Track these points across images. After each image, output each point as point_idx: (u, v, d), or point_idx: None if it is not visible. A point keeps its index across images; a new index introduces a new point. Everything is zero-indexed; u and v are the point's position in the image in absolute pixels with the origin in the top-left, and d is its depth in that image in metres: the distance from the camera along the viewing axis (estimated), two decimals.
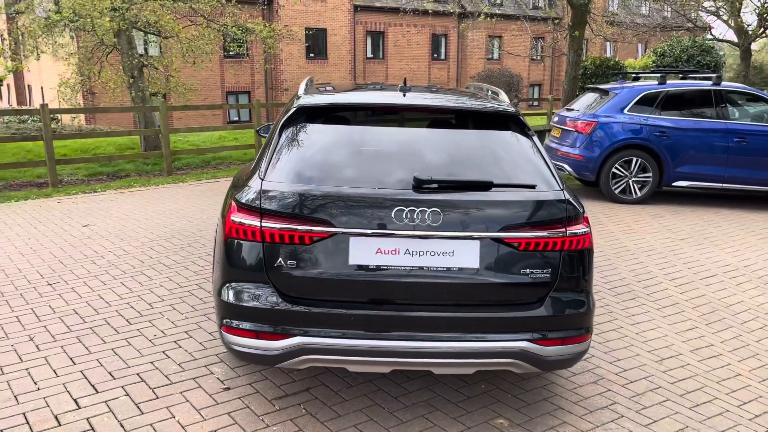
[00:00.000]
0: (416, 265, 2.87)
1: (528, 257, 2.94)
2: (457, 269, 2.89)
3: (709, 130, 8.46)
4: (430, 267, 2.87)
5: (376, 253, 2.86)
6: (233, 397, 3.34)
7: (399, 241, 2.86)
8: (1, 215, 7.61)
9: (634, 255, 6.23)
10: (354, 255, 2.85)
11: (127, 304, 4.66)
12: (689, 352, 4.11)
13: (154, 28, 13.74)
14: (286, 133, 3.16)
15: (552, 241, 2.94)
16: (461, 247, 2.89)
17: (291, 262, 2.87)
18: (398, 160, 3.07)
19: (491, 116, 3.38)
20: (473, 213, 2.91)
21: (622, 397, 3.49)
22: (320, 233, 2.84)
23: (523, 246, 2.92)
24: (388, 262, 2.86)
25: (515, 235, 2.91)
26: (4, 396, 3.32)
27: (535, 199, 2.97)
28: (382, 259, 2.86)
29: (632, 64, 20.24)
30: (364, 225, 2.85)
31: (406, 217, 2.84)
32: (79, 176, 11.00)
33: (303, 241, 2.84)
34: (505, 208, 2.93)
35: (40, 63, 24.99)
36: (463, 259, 2.89)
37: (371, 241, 2.85)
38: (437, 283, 2.89)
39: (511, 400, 3.41)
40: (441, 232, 2.86)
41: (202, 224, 7.12)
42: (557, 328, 2.96)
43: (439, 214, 2.85)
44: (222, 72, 26.81)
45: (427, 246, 2.87)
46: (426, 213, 2.84)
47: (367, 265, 2.85)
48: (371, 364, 2.91)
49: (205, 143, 14.97)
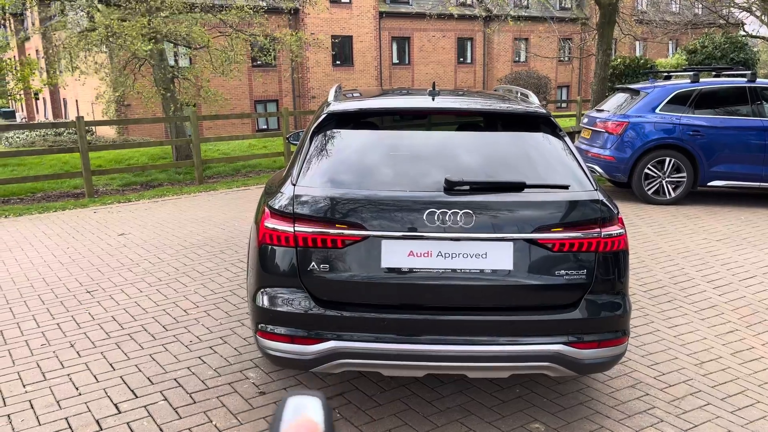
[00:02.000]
0: (448, 267, 2.86)
1: (562, 259, 2.90)
2: (491, 271, 2.87)
3: (744, 128, 8.27)
4: (462, 269, 2.86)
5: (408, 255, 2.85)
6: (268, 402, 3.38)
7: (431, 244, 2.85)
8: (40, 225, 7.82)
9: (669, 257, 6.12)
10: (386, 258, 2.86)
11: (163, 310, 4.74)
12: (729, 355, 4.01)
13: (185, 40, 14.00)
14: (316, 139, 3.19)
15: (587, 242, 2.90)
16: (494, 249, 2.87)
17: (324, 266, 2.89)
18: (429, 163, 3.07)
19: (522, 118, 3.37)
20: (506, 214, 2.89)
21: (661, 401, 3.43)
22: (353, 236, 2.86)
23: (557, 247, 2.89)
24: (420, 265, 2.86)
25: (549, 236, 2.88)
26: (47, 401, 3.41)
27: (568, 199, 2.94)
28: (414, 262, 2.86)
29: (663, 63, 19.91)
30: (396, 228, 2.85)
31: (437, 219, 2.84)
32: (114, 186, 11.25)
33: (336, 245, 2.86)
34: (538, 209, 2.91)
35: (75, 77, 25.64)
36: (496, 261, 2.87)
37: (403, 243, 2.86)
38: (470, 286, 2.88)
39: (547, 404, 3.37)
40: (473, 233, 2.84)
41: (234, 231, 7.22)
42: (593, 331, 2.92)
43: (471, 216, 2.84)
44: (250, 81, 27.15)
45: (460, 248, 2.86)
46: (458, 215, 2.84)
47: (399, 268, 2.86)
48: (405, 368, 2.92)
49: (234, 152, 15.18)
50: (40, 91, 26.23)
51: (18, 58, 24.77)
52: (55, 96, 35.09)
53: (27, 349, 4.08)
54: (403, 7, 30.70)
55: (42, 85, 18.19)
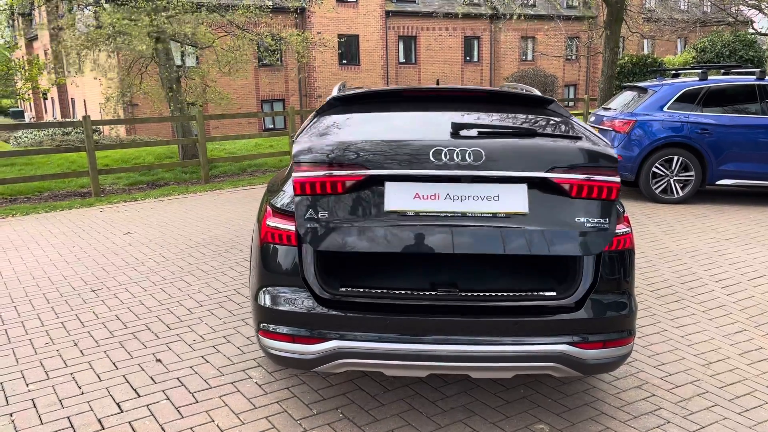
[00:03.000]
0: (458, 210, 2.70)
1: (581, 204, 2.77)
2: (504, 215, 2.71)
3: (754, 126, 8.19)
4: (473, 213, 2.70)
5: (414, 198, 2.72)
6: (271, 402, 3.36)
7: (438, 186, 2.72)
8: (47, 224, 7.84)
9: (677, 256, 6.06)
10: (390, 201, 2.72)
11: (167, 309, 4.73)
12: (737, 356, 3.96)
13: (190, 39, 14.02)
14: (317, 118, 3.22)
15: (606, 187, 2.78)
16: (506, 191, 2.72)
17: (323, 213, 2.75)
18: (436, 124, 2.99)
19: (527, 99, 3.34)
20: (518, 155, 2.77)
21: (667, 402, 3.39)
22: (354, 176, 2.73)
23: (575, 191, 2.76)
24: (427, 208, 2.70)
25: (565, 177, 2.75)
26: (49, 400, 3.40)
27: (583, 146, 2.87)
28: (420, 205, 2.71)
29: (671, 61, 19.78)
30: (400, 167, 2.71)
31: (444, 157, 2.71)
32: (121, 185, 11.28)
33: (336, 189, 2.77)
34: (552, 152, 2.81)
35: (83, 77, 25.75)
36: (510, 203, 2.71)
37: (408, 186, 2.72)
38: (483, 230, 2.69)
39: (551, 405, 3.34)
40: (484, 171, 2.69)
41: (240, 230, 7.21)
42: (598, 331, 2.88)
43: (481, 154, 2.72)
44: (257, 80, 27.19)
45: (469, 190, 2.72)
46: (467, 153, 2.72)
47: (404, 211, 2.71)
48: (408, 368, 2.88)
49: (241, 151, 15.19)
50: (48, 90, 26.38)
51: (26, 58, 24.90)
52: (63, 96, 35.26)
53: (31, 348, 4.09)
54: (409, 5, 30.65)
55: (50, 85, 18.31)
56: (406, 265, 3.67)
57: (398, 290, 2.99)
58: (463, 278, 3.39)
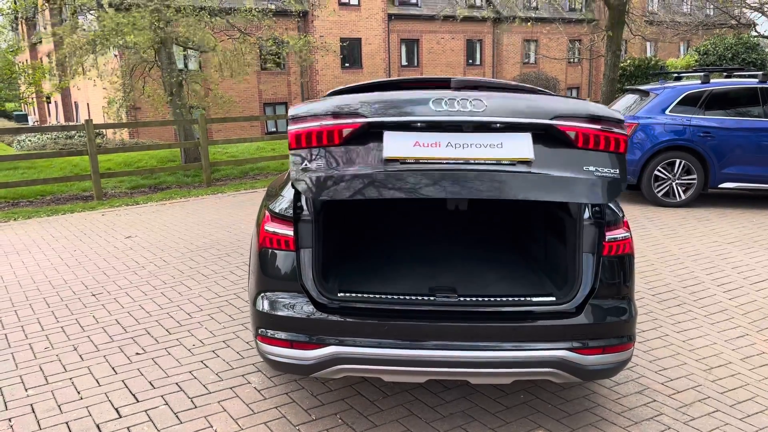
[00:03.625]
0: (460, 157, 2.60)
1: (588, 154, 2.70)
2: (509, 161, 2.61)
3: (756, 130, 8.16)
4: (476, 159, 2.60)
5: (414, 145, 2.63)
6: (270, 407, 3.35)
7: (438, 135, 2.63)
8: (48, 228, 7.85)
9: (679, 260, 6.04)
10: (389, 148, 2.63)
11: (166, 314, 4.73)
12: (739, 361, 3.94)
13: (192, 43, 14.05)
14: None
15: (614, 138, 2.72)
16: (511, 139, 2.63)
17: (319, 163, 2.66)
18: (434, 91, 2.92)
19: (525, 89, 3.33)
20: (521, 105, 2.73)
21: (668, 407, 3.36)
22: (351, 125, 2.66)
23: (581, 141, 2.69)
24: (428, 155, 2.60)
25: (571, 125, 2.68)
26: (48, 405, 3.39)
27: (587, 104, 2.84)
28: (420, 152, 2.61)
29: (673, 64, 19.75)
30: (398, 115, 2.64)
31: (445, 104, 2.65)
32: (123, 189, 11.29)
33: (332, 139, 2.70)
34: (556, 104, 2.78)
35: (86, 81, 25.85)
36: (515, 150, 2.62)
37: (407, 135, 2.64)
38: (487, 177, 2.57)
39: (551, 411, 3.32)
40: (486, 117, 2.62)
41: (240, 234, 7.21)
42: (598, 337, 2.87)
43: (483, 102, 2.67)
44: (259, 84, 27.23)
45: (472, 139, 2.62)
46: (467, 100, 2.67)
47: (404, 158, 2.61)
48: (406, 374, 2.87)
49: (243, 154, 15.21)
50: (52, 94, 26.46)
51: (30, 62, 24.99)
52: (66, 99, 35.36)
53: (30, 353, 4.08)
54: (412, 9, 30.68)
55: (53, 89, 18.37)
56: (405, 270, 3.66)
57: (396, 295, 2.98)
58: (461, 283, 3.38)
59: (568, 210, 3.20)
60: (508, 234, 4.50)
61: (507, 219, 4.51)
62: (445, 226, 4.59)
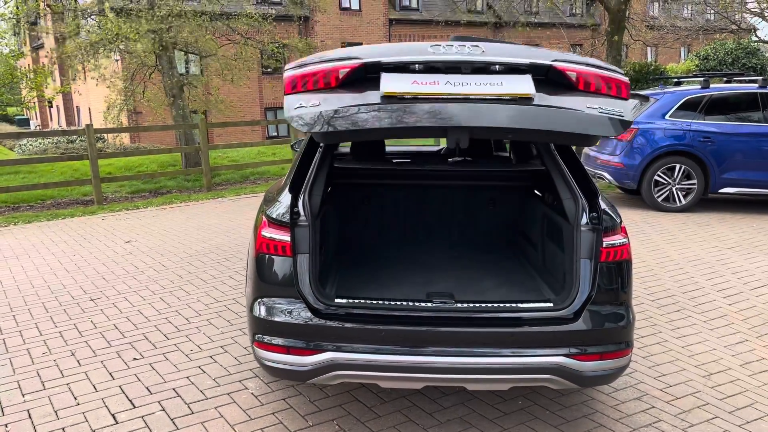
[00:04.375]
0: (461, 93, 2.54)
1: (590, 95, 2.67)
2: (509, 97, 2.55)
3: (756, 135, 8.15)
4: (477, 95, 2.54)
5: (412, 83, 2.58)
6: (267, 413, 3.34)
7: (438, 76, 2.59)
8: (48, 232, 7.85)
9: (679, 265, 6.02)
10: (386, 85, 2.57)
11: (165, 319, 4.72)
12: (739, 367, 3.92)
13: (193, 47, 14.08)
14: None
15: (615, 83, 2.70)
16: (511, 79, 2.59)
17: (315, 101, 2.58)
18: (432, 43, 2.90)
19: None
20: (521, 49, 2.72)
21: (667, 414, 3.35)
22: (348, 65, 2.66)
23: (582, 83, 2.67)
24: (426, 90, 2.55)
25: (572, 66, 2.68)
26: (45, 411, 3.39)
27: (586, 58, 2.84)
28: (418, 88, 2.55)
29: (674, 69, 19.76)
30: (397, 56, 2.60)
31: (443, 48, 2.63)
32: (123, 193, 11.29)
33: (329, 80, 2.67)
34: (556, 53, 2.78)
35: (87, 85, 25.90)
36: (515, 86, 2.57)
37: (405, 76, 2.59)
38: (487, 107, 2.50)
39: (549, 417, 3.31)
40: (486, 57, 2.60)
41: (240, 239, 7.20)
42: (595, 343, 2.85)
43: (481, 48, 2.66)
44: (260, 88, 27.27)
45: (471, 78, 2.58)
46: (466, 46, 2.66)
47: (402, 93, 2.55)
48: (403, 380, 2.86)
49: (244, 159, 15.21)
50: (53, 98, 26.51)
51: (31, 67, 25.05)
52: (68, 104, 35.43)
53: (28, 358, 4.08)
54: (412, 14, 30.73)
55: (54, 93, 18.40)
56: (402, 276, 3.66)
57: (394, 301, 2.97)
58: (459, 289, 3.38)
59: (566, 215, 3.19)
60: (506, 239, 4.49)
61: (506, 221, 4.51)
62: (444, 230, 4.59)
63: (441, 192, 4.51)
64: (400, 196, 4.53)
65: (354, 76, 2.66)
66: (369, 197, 4.53)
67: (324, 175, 3.35)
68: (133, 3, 13.58)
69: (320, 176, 3.28)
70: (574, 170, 3.31)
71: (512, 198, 4.45)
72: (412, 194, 4.53)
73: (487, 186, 4.47)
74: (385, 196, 4.53)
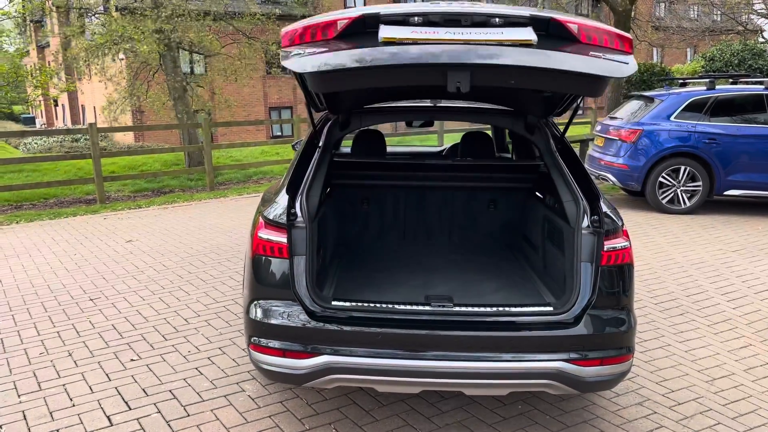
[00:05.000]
0: (461, 39, 2.50)
1: (593, 46, 2.63)
2: (510, 43, 2.50)
3: (762, 136, 8.08)
4: (478, 40, 2.49)
5: (412, 33, 2.54)
6: (263, 416, 3.30)
7: (437, 28, 2.57)
8: (50, 231, 7.84)
9: (682, 268, 5.96)
10: (384, 32, 2.54)
11: (164, 319, 4.69)
12: (742, 372, 3.87)
13: (197, 47, 14.08)
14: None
15: (618, 38, 2.66)
16: (512, 30, 2.56)
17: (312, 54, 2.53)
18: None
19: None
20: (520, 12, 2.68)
21: (669, 420, 3.30)
22: (347, 17, 2.65)
23: (584, 36, 2.64)
24: (425, 36, 2.51)
25: (574, 20, 2.66)
26: (40, 412, 3.36)
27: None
28: (418, 35, 2.52)
29: (680, 70, 19.65)
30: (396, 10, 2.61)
31: (444, 3, 2.64)
32: (126, 192, 11.29)
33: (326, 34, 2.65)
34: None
35: (92, 84, 25.96)
36: (517, 35, 2.53)
37: (403, 28, 2.57)
38: (488, 49, 2.45)
39: (549, 422, 3.26)
40: (485, 10, 2.59)
41: (241, 239, 7.18)
42: (596, 348, 2.81)
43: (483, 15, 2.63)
44: (264, 88, 27.28)
45: (470, 31, 2.55)
46: (464, 3, 2.67)
47: (401, 38, 2.50)
48: (401, 384, 2.83)
49: (247, 158, 15.20)
50: (57, 97, 26.58)
51: (37, 65, 25.13)
52: (73, 102, 35.55)
53: (25, 358, 4.05)
54: None
55: (59, 92, 18.44)
56: (401, 278, 3.62)
57: (392, 304, 2.93)
58: (457, 292, 3.34)
59: (567, 218, 3.15)
60: (506, 242, 4.45)
61: (507, 223, 4.46)
62: (444, 232, 4.55)
63: (440, 193, 4.48)
64: (399, 197, 4.50)
65: (353, 28, 2.63)
66: (368, 198, 4.50)
67: (323, 176, 3.32)
68: (138, 2, 13.57)
69: (319, 177, 3.25)
70: (576, 172, 3.27)
71: (513, 200, 4.41)
72: (411, 195, 4.49)
73: (488, 187, 4.43)
74: (385, 197, 4.49)
